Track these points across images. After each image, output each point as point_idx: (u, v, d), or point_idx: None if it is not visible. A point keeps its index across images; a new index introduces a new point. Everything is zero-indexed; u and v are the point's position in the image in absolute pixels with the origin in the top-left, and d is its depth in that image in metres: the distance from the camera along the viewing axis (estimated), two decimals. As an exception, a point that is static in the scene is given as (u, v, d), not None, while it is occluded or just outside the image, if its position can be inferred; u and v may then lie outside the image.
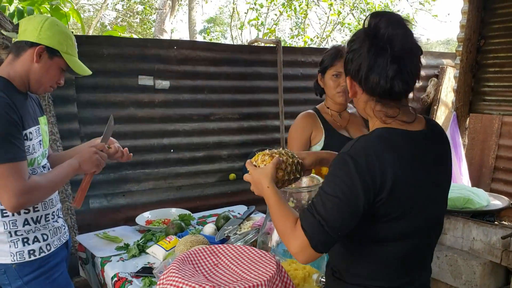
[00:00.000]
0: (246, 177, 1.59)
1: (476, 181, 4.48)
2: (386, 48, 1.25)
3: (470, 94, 4.32)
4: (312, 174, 1.89)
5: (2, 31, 2.70)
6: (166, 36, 9.92)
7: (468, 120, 4.46)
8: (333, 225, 1.25)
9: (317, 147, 2.43)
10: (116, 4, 14.71)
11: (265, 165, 1.55)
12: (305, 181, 1.97)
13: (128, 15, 14.97)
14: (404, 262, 1.38)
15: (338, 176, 1.26)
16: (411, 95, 1.38)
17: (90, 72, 2.01)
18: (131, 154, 2.17)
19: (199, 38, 14.94)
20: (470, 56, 4.21)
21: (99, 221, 3.27)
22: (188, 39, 11.64)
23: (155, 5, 13.39)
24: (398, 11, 12.93)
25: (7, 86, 1.79)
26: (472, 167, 4.58)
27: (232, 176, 3.97)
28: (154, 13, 12.75)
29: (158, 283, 1.65)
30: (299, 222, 1.32)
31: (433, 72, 5.25)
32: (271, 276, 1.59)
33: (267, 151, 1.62)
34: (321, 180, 1.89)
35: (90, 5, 15.22)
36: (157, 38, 8.96)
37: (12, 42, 2.26)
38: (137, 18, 14.95)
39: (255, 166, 1.58)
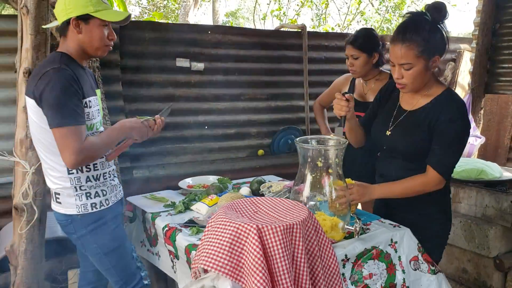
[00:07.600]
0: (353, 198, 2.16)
1: (492, 161, 4.59)
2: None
3: (485, 75, 4.47)
4: (332, 136, 2.16)
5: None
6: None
7: (483, 101, 4.63)
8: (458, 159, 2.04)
9: None
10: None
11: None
12: (332, 142, 2.23)
13: (153, 10, 15.15)
14: None
15: (465, 127, 2.00)
16: None
17: (128, 14, 2.06)
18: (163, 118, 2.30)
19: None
20: (486, 39, 4.36)
21: (141, 190, 3.44)
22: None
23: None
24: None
25: (68, 60, 1.95)
26: (488, 148, 4.68)
27: (260, 152, 4.14)
28: (178, 8, 12.95)
29: (207, 225, 1.84)
30: (429, 172, 2.02)
31: (451, 56, 5.27)
32: (304, 219, 1.82)
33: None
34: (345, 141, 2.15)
35: (115, -1, 15.34)
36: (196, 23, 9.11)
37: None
38: (161, 11, 15.12)
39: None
